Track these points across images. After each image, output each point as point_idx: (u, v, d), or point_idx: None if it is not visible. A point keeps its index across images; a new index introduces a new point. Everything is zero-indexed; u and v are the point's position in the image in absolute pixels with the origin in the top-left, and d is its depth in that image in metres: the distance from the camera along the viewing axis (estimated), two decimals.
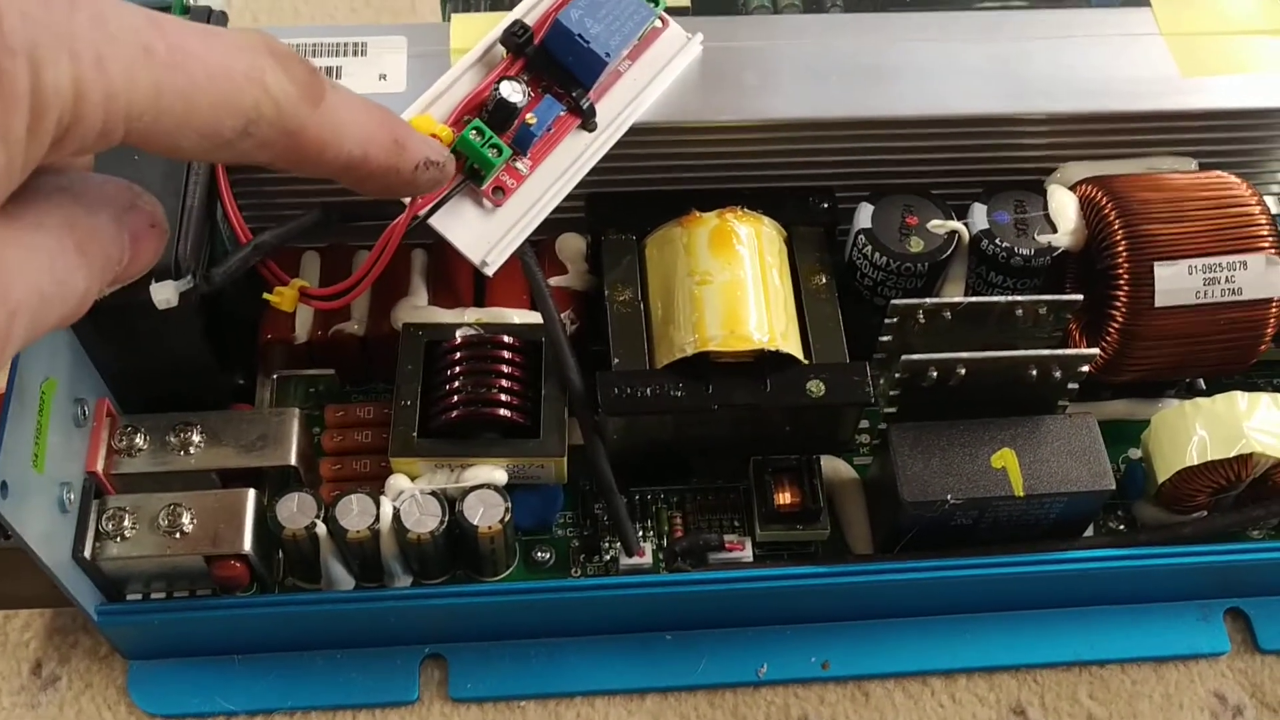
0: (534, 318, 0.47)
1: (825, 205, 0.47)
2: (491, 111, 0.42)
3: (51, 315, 0.25)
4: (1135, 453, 0.48)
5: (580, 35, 0.42)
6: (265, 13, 0.55)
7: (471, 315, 0.47)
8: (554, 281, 0.48)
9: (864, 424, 0.48)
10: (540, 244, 0.48)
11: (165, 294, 0.40)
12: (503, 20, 0.44)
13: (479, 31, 0.46)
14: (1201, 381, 0.49)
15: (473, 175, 0.42)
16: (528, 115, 0.42)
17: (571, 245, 0.48)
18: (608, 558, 0.46)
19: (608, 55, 0.42)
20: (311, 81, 0.27)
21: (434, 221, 0.42)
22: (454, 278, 0.48)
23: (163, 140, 0.25)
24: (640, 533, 0.47)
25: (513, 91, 0.42)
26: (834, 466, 0.48)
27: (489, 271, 0.42)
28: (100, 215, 0.26)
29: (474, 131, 0.41)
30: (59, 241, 0.25)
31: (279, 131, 0.27)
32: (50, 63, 0.22)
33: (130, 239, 0.27)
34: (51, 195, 0.25)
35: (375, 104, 0.30)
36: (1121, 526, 0.47)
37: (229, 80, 0.25)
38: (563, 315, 0.46)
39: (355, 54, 0.46)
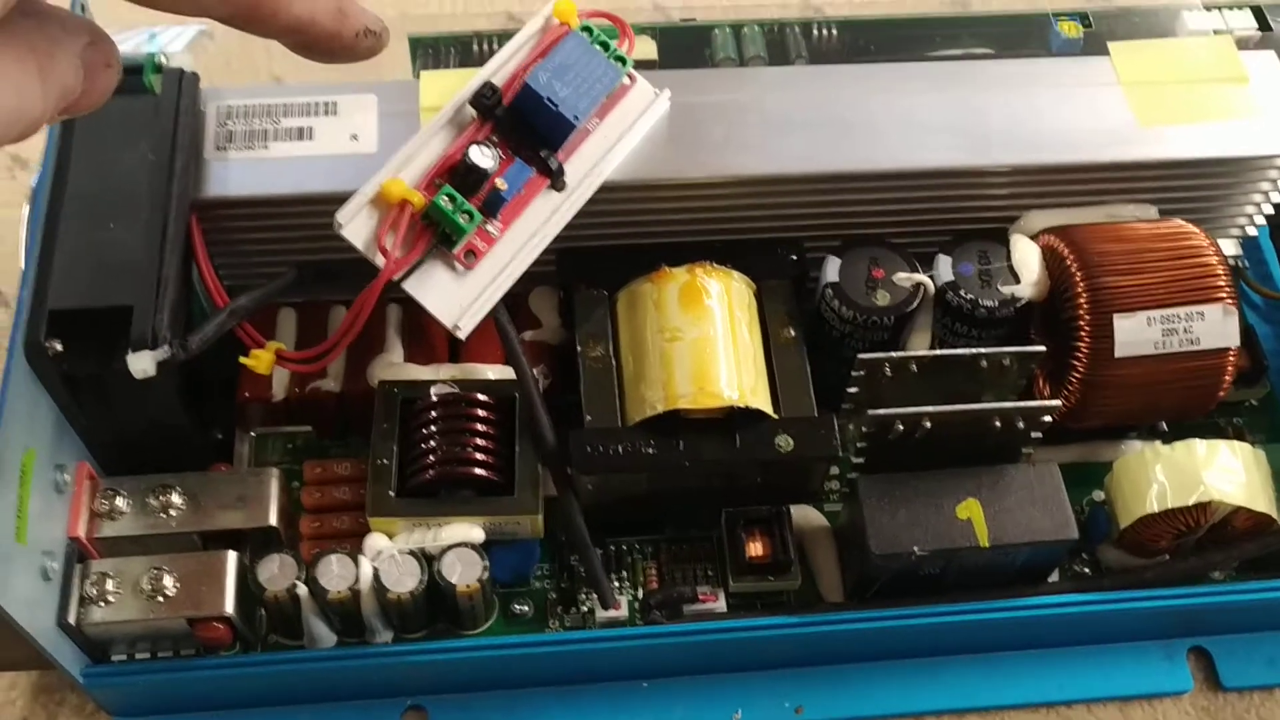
0: (508, 372, 0.47)
1: (794, 257, 0.48)
2: (462, 176, 0.42)
3: (10, 132, 0.27)
4: (1099, 494, 0.49)
5: (549, 98, 0.43)
6: (237, 60, 0.55)
7: (447, 372, 0.47)
8: (527, 335, 0.48)
9: (834, 471, 0.49)
10: (514, 298, 0.49)
11: (143, 364, 0.41)
12: (471, 79, 0.45)
13: (448, 88, 0.47)
14: (1164, 424, 0.50)
15: (444, 239, 0.42)
16: (498, 180, 0.43)
17: (546, 300, 0.49)
18: (585, 609, 0.47)
19: (576, 118, 0.43)
20: None
21: (407, 285, 0.42)
22: (429, 333, 0.49)
23: None
24: (616, 584, 0.47)
25: (483, 157, 0.42)
26: (804, 514, 0.48)
27: (461, 335, 0.42)
28: (61, 46, 0.28)
29: (445, 198, 0.42)
30: (21, 65, 0.27)
31: None
32: None
33: (87, 72, 0.29)
34: (19, 23, 0.27)
35: None
36: (1086, 570, 0.48)
37: None
38: (535, 370, 0.47)
39: (326, 113, 0.47)
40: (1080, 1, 0.58)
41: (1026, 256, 0.47)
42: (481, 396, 0.46)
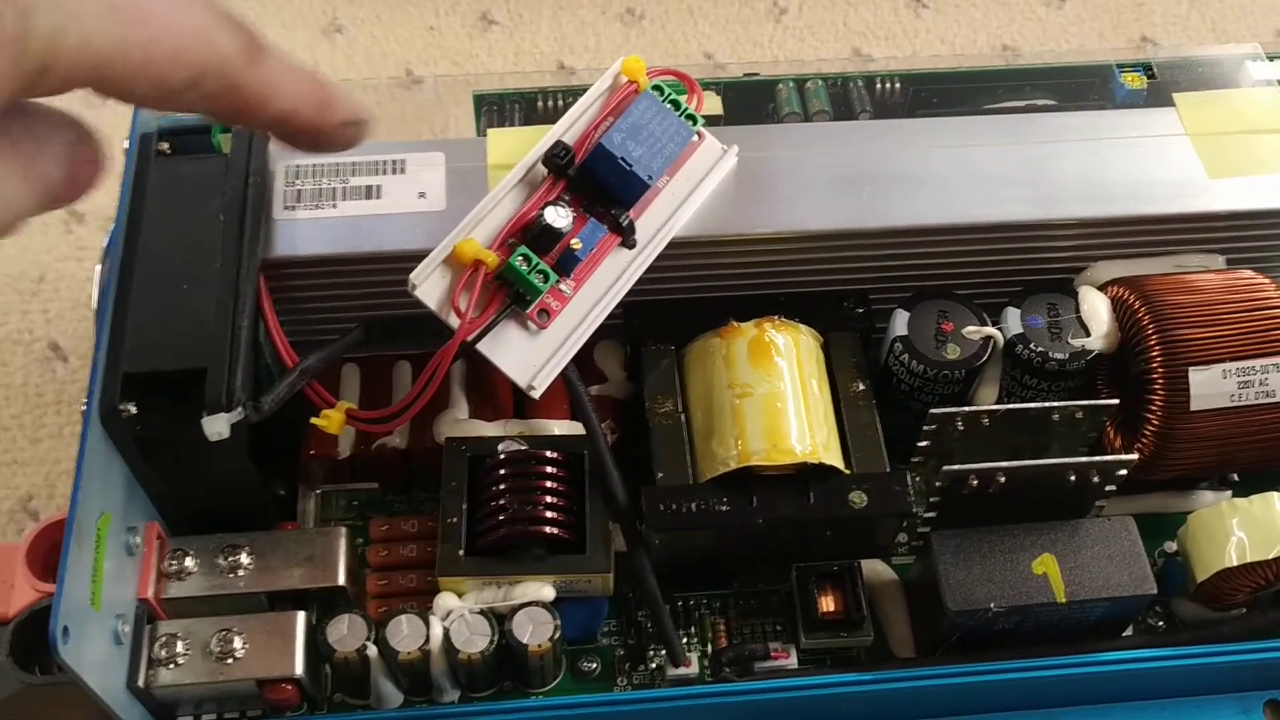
0: (575, 428, 0.47)
1: (860, 310, 0.48)
2: (536, 236, 0.42)
3: None
4: (1170, 545, 0.49)
5: (623, 159, 0.43)
6: None
7: (513, 428, 0.47)
8: (593, 390, 0.48)
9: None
10: (579, 353, 0.48)
11: (217, 427, 0.41)
12: (541, 138, 0.45)
13: (514, 145, 0.47)
14: (1234, 474, 0.50)
15: (518, 299, 0.42)
16: (572, 240, 0.43)
17: (611, 354, 0.49)
18: (653, 666, 0.47)
19: (650, 178, 0.43)
20: (251, 41, 0.30)
21: (482, 346, 0.42)
22: (494, 389, 0.49)
23: (121, 88, 0.27)
24: (684, 639, 0.47)
25: (558, 217, 0.42)
26: (873, 568, 0.48)
27: (535, 394, 0.42)
28: (46, 146, 0.28)
29: (520, 258, 0.42)
30: (6, 164, 0.27)
31: (223, 85, 0.29)
32: (37, 11, 0.25)
33: (71, 169, 0.29)
34: (6, 122, 0.27)
35: (305, 68, 0.33)
36: (1160, 623, 0.48)
37: (182, 36, 0.28)
38: (603, 425, 0.47)
39: (394, 171, 0.47)
40: (1131, 53, 0.58)
41: (1096, 309, 0.47)
42: (550, 454, 0.46)
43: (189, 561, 0.44)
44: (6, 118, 0.27)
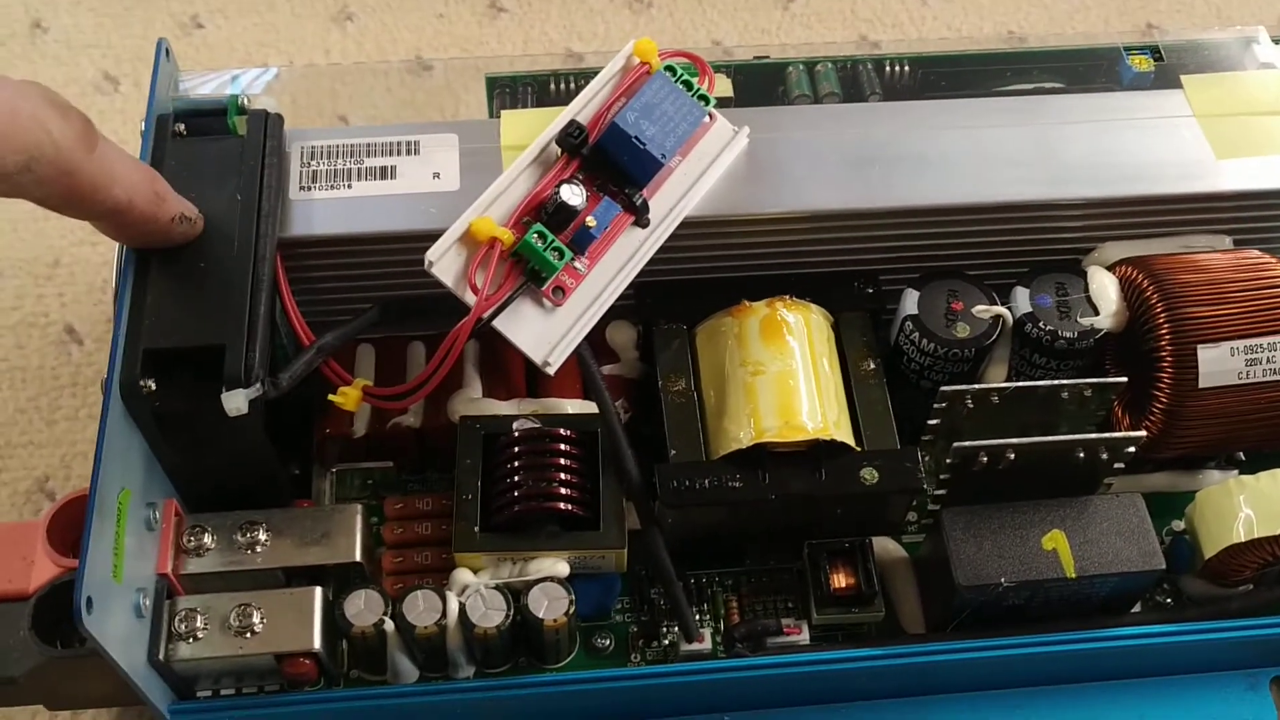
0: (587, 407, 0.47)
1: (870, 290, 0.48)
2: (551, 214, 0.43)
3: None
4: (1178, 524, 0.49)
5: (637, 137, 0.43)
6: (304, 98, 0.56)
7: (527, 407, 0.48)
8: (606, 370, 0.49)
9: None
10: (591, 333, 0.49)
11: (236, 402, 0.41)
12: (555, 118, 0.45)
13: (527, 127, 0.47)
14: (1241, 453, 0.50)
15: (533, 276, 0.43)
16: (587, 217, 0.43)
17: (623, 334, 0.49)
18: (666, 642, 0.47)
19: (664, 156, 0.44)
20: (87, 130, 0.30)
21: (498, 323, 0.42)
22: (506, 369, 0.49)
23: None
24: (697, 616, 0.47)
25: (573, 195, 0.43)
26: (883, 546, 0.49)
27: (550, 370, 0.43)
28: None
29: (536, 235, 0.42)
30: None
31: (57, 170, 0.29)
32: None
33: None
34: None
35: (139, 161, 0.33)
36: (1168, 600, 0.48)
37: (14, 120, 0.28)
38: (616, 404, 0.47)
39: (408, 153, 0.47)
40: (1137, 36, 0.59)
41: (1105, 288, 0.47)
42: (564, 431, 0.46)
43: (207, 538, 0.45)
44: None
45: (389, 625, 0.44)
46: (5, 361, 0.56)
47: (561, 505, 0.45)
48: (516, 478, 0.45)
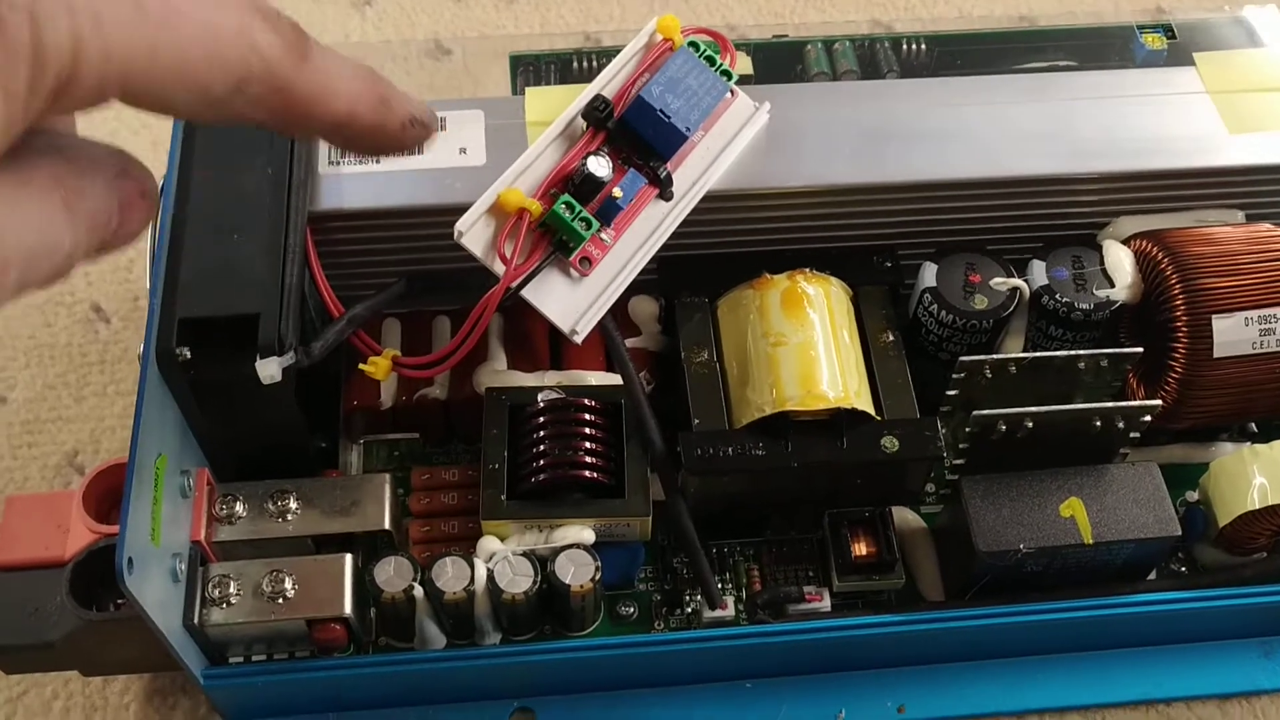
0: (611, 379, 0.48)
1: (889, 264, 0.49)
2: (579, 185, 0.44)
3: (39, 272, 0.25)
4: (1192, 495, 0.50)
5: (662, 111, 0.44)
6: None
7: (551, 378, 0.48)
8: (629, 343, 0.49)
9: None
10: (614, 306, 0.50)
11: (270, 370, 0.42)
12: (580, 93, 0.46)
13: (552, 104, 0.48)
14: (1253, 424, 0.51)
15: (561, 247, 0.44)
16: (614, 189, 0.44)
17: (645, 308, 0.50)
18: (689, 610, 0.48)
19: (688, 129, 0.44)
20: (298, 38, 0.27)
21: (526, 292, 0.43)
22: (531, 341, 0.50)
23: (156, 98, 0.25)
24: (719, 585, 0.48)
25: (599, 166, 0.43)
26: (902, 516, 0.49)
27: (578, 339, 0.44)
28: (89, 177, 0.26)
29: (564, 206, 0.43)
30: (46, 198, 0.25)
31: (269, 88, 0.27)
32: (50, 18, 0.22)
33: (119, 205, 0.26)
34: (43, 153, 0.25)
35: (360, 63, 0.30)
36: (1183, 569, 0.49)
37: (219, 38, 0.25)
38: (639, 376, 0.48)
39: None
40: (1147, 15, 0.60)
41: (1120, 261, 0.48)
42: (589, 401, 0.47)
43: (239, 506, 0.45)
44: (37, 149, 0.25)
45: (418, 591, 0.44)
46: (33, 339, 0.57)
47: (586, 473, 0.45)
48: (542, 446, 0.46)
